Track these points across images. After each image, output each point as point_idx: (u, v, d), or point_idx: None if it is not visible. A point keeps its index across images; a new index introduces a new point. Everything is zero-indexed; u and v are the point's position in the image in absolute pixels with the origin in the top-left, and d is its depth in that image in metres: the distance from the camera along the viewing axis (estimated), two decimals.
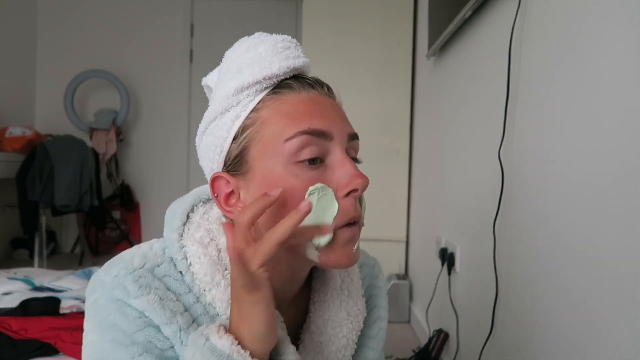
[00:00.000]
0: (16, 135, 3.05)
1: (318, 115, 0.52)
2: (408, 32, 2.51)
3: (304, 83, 0.55)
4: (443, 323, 1.76)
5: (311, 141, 0.51)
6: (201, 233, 0.56)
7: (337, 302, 0.61)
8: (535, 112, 1.05)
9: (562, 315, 0.90)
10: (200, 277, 0.53)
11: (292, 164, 0.51)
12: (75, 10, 3.83)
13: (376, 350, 0.68)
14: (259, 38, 0.56)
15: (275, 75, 0.53)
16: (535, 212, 1.03)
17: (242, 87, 0.53)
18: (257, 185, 0.52)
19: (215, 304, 0.53)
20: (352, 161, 0.53)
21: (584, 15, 0.86)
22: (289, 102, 0.53)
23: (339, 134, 0.53)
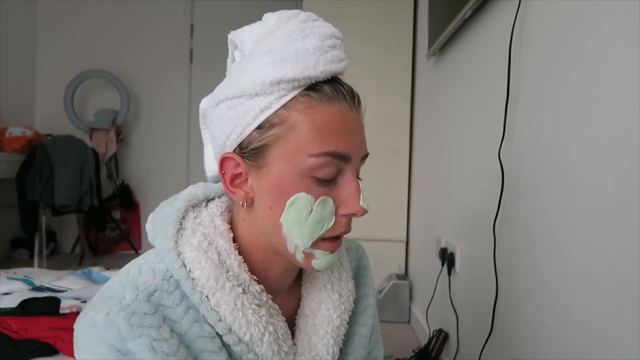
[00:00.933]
0: (16, 135, 3.05)
1: (344, 137, 0.53)
2: (408, 32, 2.51)
3: (339, 92, 0.54)
4: (443, 323, 1.76)
5: (331, 162, 0.52)
6: (198, 238, 0.55)
7: (328, 286, 0.64)
8: (535, 112, 1.05)
9: (562, 315, 0.90)
10: (203, 283, 0.53)
11: (308, 177, 0.52)
12: (75, 10, 3.83)
13: (365, 327, 0.70)
14: (307, 25, 0.55)
15: (316, 77, 0.52)
16: (535, 212, 1.03)
17: (282, 80, 0.51)
18: (270, 183, 0.53)
19: (220, 308, 0.53)
20: (359, 185, 0.55)
21: (584, 15, 0.86)
22: (321, 112, 0.52)
23: (356, 156, 0.55)
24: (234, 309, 0.53)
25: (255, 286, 0.56)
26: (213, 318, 0.53)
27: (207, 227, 0.57)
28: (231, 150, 0.55)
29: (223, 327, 0.53)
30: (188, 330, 0.52)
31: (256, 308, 0.55)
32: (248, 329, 0.54)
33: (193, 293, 0.52)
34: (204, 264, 0.53)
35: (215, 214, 0.58)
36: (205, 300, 0.53)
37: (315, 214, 0.53)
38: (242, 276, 0.55)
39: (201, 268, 0.53)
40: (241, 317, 0.53)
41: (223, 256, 0.55)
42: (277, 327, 0.57)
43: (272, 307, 0.58)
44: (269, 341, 0.55)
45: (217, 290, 0.53)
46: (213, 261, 0.54)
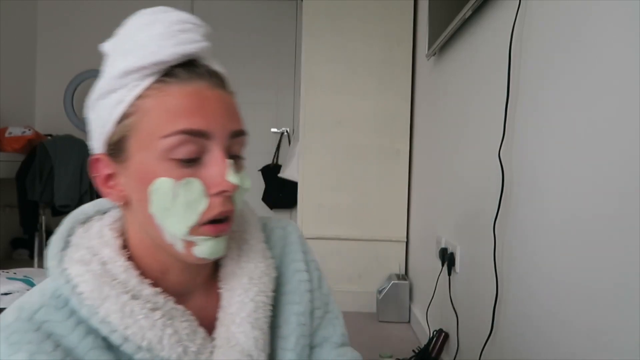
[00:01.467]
0: (16, 135, 3.05)
1: (198, 113, 0.51)
2: (408, 32, 2.51)
3: (194, 73, 0.53)
4: (443, 323, 1.76)
5: (188, 140, 0.51)
6: (81, 252, 0.55)
7: (238, 271, 0.62)
8: (535, 112, 1.05)
9: (562, 315, 0.90)
10: (88, 295, 0.52)
11: (167, 160, 0.51)
12: (75, 10, 3.83)
13: (300, 304, 0.67)
14: (156, 16, 0.54)
15: (164, 61, 0.51)
16: (535, 212, 1.03)
17: (128, 71, 0.51)
18: (133, 175, 0.53)
19: (110, 318, 0.51)
20: (227, 161, 0.53)
21: (584, 15, 0.86)
22: (173, 94, 0.51)
23: (219, 132, 0.53)
24: (124, 316, 0.52)
25: (147, 290, 0.54)
26: (106, 330, 0.51)
27: (93, 239, 0.57)
28: (99, 151, 0.56)
29: (118, 337, 0.52)
30: (78, 344, 0.51)
31: (149, 312, 0.53)
32: (144, 335, 0.52)
33: (81, 307, 0.52)
34: (87, 277, 0.52)
35: (105, 225, 0.59)
36: (95, 313, 0.51)
37: (181, 197, 0.51)
38: (130, 282, 0.54)
39: (85, 281, 0.52)
40: (133, 324, 0.52)
41: (109, 265, 0.54)
42: (178, 329, 0.54)
43: (174, 309, 0.56)
44: (170, 344, 0.53)
45: (103, 301, 0.52)
46: (95, 272, 0.53)
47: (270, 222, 0.72)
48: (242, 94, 4.45)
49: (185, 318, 0.56)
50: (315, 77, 2.52)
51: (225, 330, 0.59)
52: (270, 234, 0.70)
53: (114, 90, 0.53)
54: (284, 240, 0.71)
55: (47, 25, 3.83)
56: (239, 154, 0.57)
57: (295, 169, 2.83)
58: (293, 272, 0.69)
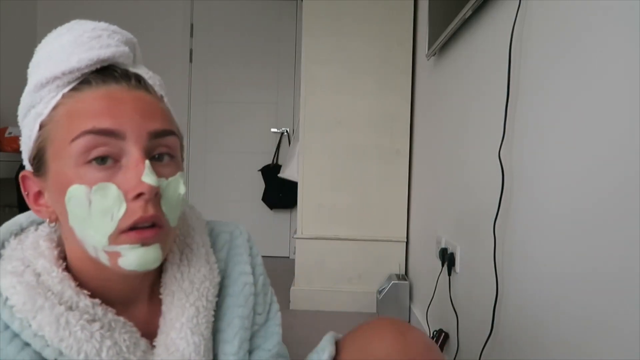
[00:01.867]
0: (16, 135, 3.05)
1: (108, 113, 0.49)
2: (408, 32, 2.51)
3: (108, 77, 0.51)
4: (443, 323, 1.76)
5: (98, 141, 0.48)
6: (13, 264, 0.52)
7: (177, 275, 0.60)
8: (535, 112, 1.05)
9: (563, 315, 0.90)
10: (20, 308, 0.49)
11: (81, 166, 0.49)
12: (75, 10, 3.83)
13: (244, 307, 0.65)
14: (68, 27, 0.53)
15: (76, 69, 0.50)
16: (535, 212, 1.03)
17: (42, 83, 0.50)
18: (52, 188, 0.51)
19: (44, 331, 0.49)
20: (145, 162, 0.49)
21: (584, 15, 0.86)
22: (84, 99, 0.49)
23: (134, 132, 0.49)
24: (58, 328, 0.49)
25: (85, 301, 0.52)
26: (38, 344, 0.49)
27: (27, 250, 0.54)
28: (28, 169, 0.55)
29: (51, 352, 0.49)
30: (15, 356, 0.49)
31: (86, 324, 0.50)
32: (80, 348, 0.49)
33: (12, 321, 0.49)
34: (19, 288, 0.50)
35: (41, 236, 0.56)
36: (27, 327, 0.49)
37: (96, 204, 0.48)
38: (66, 293, 0.51)
39: (17, 293, 0.50)
40: (68, 336, 0.49)
41: (43, 277, 0.52)
42: (118, 340, 0.52)
43: (114, 320, 0.53)
44: (109, 356, 0.50)
45: (36, 313, 0.49)
46: (29, 284, 0.50)
47: (217, 227, 0.70)
48: (242, 94, 4.45)
49: (125, 329, 0.54)
50: (315, 77, 2.52)
51: (165, 337, 0.57)
52: (216, 239, 0.68)
53: (32, 105, 0.52)
54: (230, 243, 0.69)
55: (47, 25, 3.82)
56: (167, 154, 0.53)
57: (295, 169, 2.83)
58: (238, 274, 0.67)
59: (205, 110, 3.84)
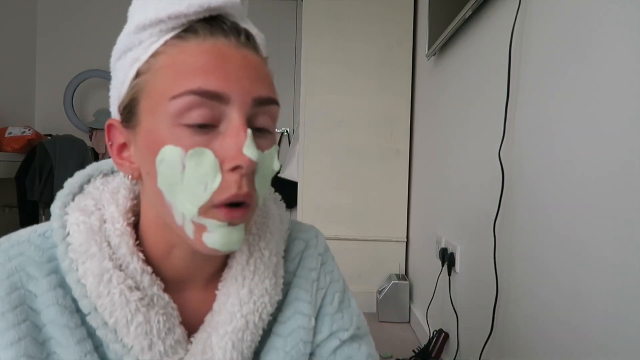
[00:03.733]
0: (16, 135, 3.05)
1: (215, 72, 0.43)
2: (408, 32, 2.51)
3: (216, 28, 0.45)
4: (443, 323, 1.76)
5: (201, 103, 0.43)
6: (87, 202, 0.51)
7: (239, 278, 0.54)
8: (535, 112, 1.05)
9: (562, 315, 0.90)
10: (75, 247, 0.47)
11: (177, 126, 0.43)
12: (75, 10, 3.83)
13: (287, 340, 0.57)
14: None
15: (183, 14, 0.44)
16: (535, 212, 1.03)
17: (144, 25, 0.45)
18: (141, 143, 0.46)
19: (87, 280, 0.46)
20: (247, 131, 0.44)
21: (584, 15, 0.86)
22: (189, 51, 0.44)
23: (240, 96, 0.44)
24: (100, 283, 0.46)
25: (136, 264, 0.48)
26: (78, 292, 0.47)
27: (106, 192, 0.52)
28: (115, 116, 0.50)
29: (87, 305, 0.46)
30: (44, 293, 0.46)
31: (126, 289, 0.47)
32: (112, 312, 0.46)
33: (64, 258, 0.47)
34: (81, 228, 0.48)
35: (125, 184, 0.53)
36: (74, 270, 0.47)
37: (190, 170, 0.43)
38: (121, 249, 0.48)
39: (78, 232, 0.48)
40: (106, 295, 0.46)
41: (107, 224, 0.49)
42: (150, 319, 0.48)
43: (158, 296, 0.49)
44: (136, 332, 0.47)
45: (87, 259, 0.47)
46: (92, 227, 0.48)
47: (295, 230, 0.63)
48: None
49: (165, 310, 0.50)
50: (315, 77, 2.52)
51: (205, 337, 0.52)
52: (290, 245, 0.61)
53: (130, 48, 0.47)
54: (302, 254, 0.62)
55: (47, 25, 3.83)
56: (267, 127, 0.47)
57: (295, 169, 2.83)
58: (293, 300, 0.59)
59: None
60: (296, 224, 0.64)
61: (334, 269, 0.64)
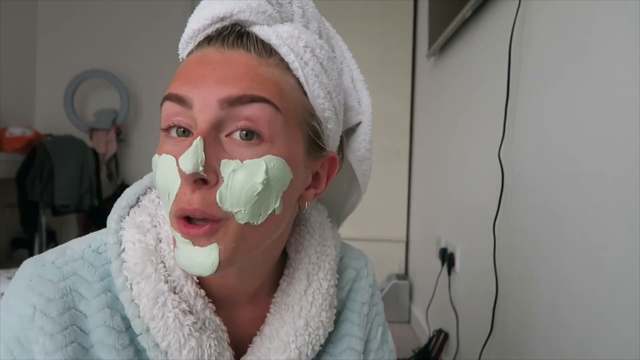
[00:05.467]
0: (16, 135, 3.05)
1: (186, 77, 0.42)
2: (408, 32, 2.51)
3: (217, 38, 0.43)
4: (443, 323, 1.76)
5: (174, 110, 0.42)
6: (143, 217, 0.49)
7: (297, 308, 0.51)
8: (535, 112, 1.05)
9: (563, 315, 0.90)
10: (130, 267, 0.46)
11: (164, 134, 0.43)
12: (76, 10, 3.83)
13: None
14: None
15: (198, 30, 0.44)
16: (535, 212, 1.03)
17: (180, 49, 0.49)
18: None
19: (140, 300, 0.45)
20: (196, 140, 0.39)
21: (583, 15, 0.86)
22: (185, 62, 0.45)
23: (201, 99, 0.40)
24: (154, 305, 0.45)
25: (190, 287, 0.47)
26: (131, 311, 0.45)
27: (160, 208, 0.49)
28: None
29: (139, 325, 0.45)
30: (94, 313, 0.45)
31: (180, 313, 0.46)
32: (165, 335, 0.45)
33: (118, 275, 0.46)
34: (137, 247, 0.46)
35: None
36: (128, 289, 0.45)
37: (158, 176, 0.42)
38: (176, 271, 0.47)
39: (134, 250, 0.46)
40: (160, 318, 0.45)
41: (163, 244, 0.48)
42: (202, 344, 0.46)
43: (209, 320, 0.48)
44: (188, 357, 0.45)
45: (142, 280, 0.45)
46: (148, 246, 0.47)
47: (346, 257, 0.60)
48: None
49: (216, 335, 0.48)
50: None
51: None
52: (342, 273, 0.59)
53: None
54: (352, 284, 0.60)
55: (47, 25, 3.83)
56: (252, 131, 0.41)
57: None
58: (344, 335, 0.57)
59: None
60: (346, 249, 0.62)
61: (379, 301, 0.62)
